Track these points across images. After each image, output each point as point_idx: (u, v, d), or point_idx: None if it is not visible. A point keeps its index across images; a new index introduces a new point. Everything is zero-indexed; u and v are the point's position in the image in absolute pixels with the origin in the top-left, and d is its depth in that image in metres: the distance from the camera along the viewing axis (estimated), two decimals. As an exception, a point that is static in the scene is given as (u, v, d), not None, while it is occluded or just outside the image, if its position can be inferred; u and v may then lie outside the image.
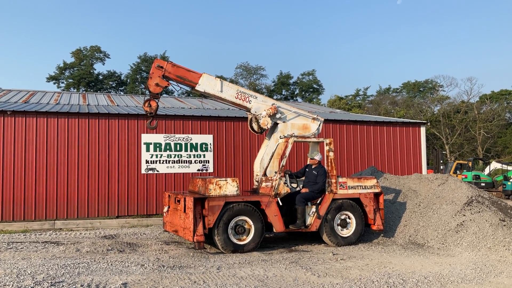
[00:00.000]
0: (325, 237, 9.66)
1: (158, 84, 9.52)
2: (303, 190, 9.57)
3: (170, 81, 9.71)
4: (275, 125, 10.38)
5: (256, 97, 10.19)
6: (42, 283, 6.11)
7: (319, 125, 10.54)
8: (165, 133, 13.80)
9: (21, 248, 8.94)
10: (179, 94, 53.03)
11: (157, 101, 9.70)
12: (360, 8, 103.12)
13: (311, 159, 9.90)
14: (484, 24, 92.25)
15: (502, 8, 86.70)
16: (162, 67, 9.53)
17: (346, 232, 9.83)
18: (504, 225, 9.26)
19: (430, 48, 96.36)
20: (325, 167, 9.82)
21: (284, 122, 10.26)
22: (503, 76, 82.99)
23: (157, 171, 13.60)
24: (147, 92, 9.48)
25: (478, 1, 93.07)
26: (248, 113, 10.36)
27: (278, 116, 10.18)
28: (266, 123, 9.97)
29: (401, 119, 18.06)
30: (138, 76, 55.42)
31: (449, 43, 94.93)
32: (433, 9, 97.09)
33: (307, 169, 9.96)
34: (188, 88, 10.04)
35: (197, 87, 9.78)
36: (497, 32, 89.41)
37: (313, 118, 10.51)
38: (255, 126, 10.20)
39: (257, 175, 10.16)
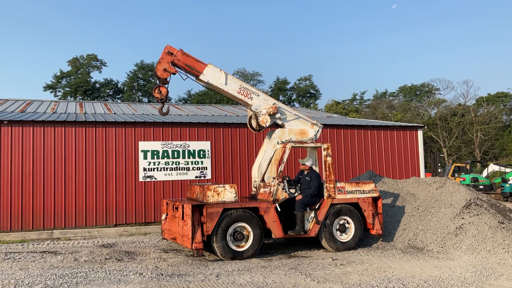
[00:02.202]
0: (324, 243, 9.64)
1: (166, 69, 9.64)
2: (298, 197, 9.56)
3: (177, 69, 9.81)
4: (273, 129, 10.38)
5: (258, 95, 10.22)
6: (40, 294, 6.06)
7: (318, 131, 10.52)
8: (162, 140, 13.78)
9: (19, 258, 8.88)
10: (176, 101, 53.13)
11: (167, 87, 9.83)
12: (356, 13, 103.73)
13: (302, 164, 9.91)
14: (479, 27, 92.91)
15: (497, 11, 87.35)
16: (172, 54, 9.65)
17: (345, 237, 9.81)
18: (503, 228, 9.26)
19: (426, 52, 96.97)
20: (324, 171, 9.81)
21: (282, 123, 10.27)
22: (499, 78, 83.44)
23: (155, 178, 13.56)
24: (154, 85, 9.67)
25: (474, 4, 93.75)
26: (248, 110, 10.39)
27: (278, 116, 10.18)
28: (265, 121, 9.98)
29: (398, 123, 18.10)
30: (135, 84, 55.50)
31: (445, 46, 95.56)
32: (428, 13, 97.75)
33: (301, 176, 9.97)
34: (193, 78, 10.09)
35: (201, 77, 9.84)
36: (492, 34, 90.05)
37: (312, 124, 10.51)
38: (253, 123, 10.23)
39: (255, 181, 10.14)
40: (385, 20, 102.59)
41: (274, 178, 9.59)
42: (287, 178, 9.87)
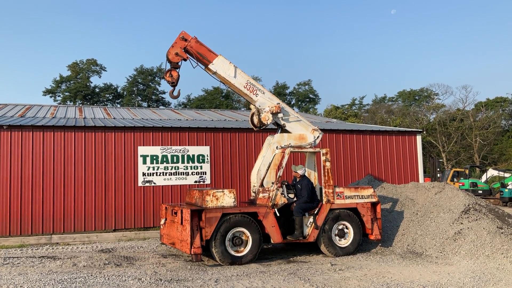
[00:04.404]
0: (323, 248, 9.64)
1: (177, 53, 9.87)
2: (293, 206, 9.57)
3: (189, 56, 9.99)
4: (272, 134, 10.41)
5: (263, 92, 10.32)
6: (39, 299, 6.05)
7: (317, 137, 10.51)
8: (161, 145, 13.80)
9: (18, 264, 8.87)
10: (176, 105, 53.17)
11: (178, 71, 10.05)
12: (355, 18, 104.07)
13: (294, 172, 9.94)
14: (478, 32, 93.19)
15: (495, 16, 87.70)
16: (186, 40, 9.89)
17: (344, 242, 9.81)
18: (502, 233, 9.27)
19: (425, 57, 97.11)
20: (322, 176, 9.82)
21: (284, 124, 10.32)
22: (498, 83, 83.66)
23: (154, 183, 13.57)
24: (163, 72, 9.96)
25: (473, 9, 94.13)
26: (252, 106, 10.48)
27: (280, 116, 10.25)
28: (267, 118, 10.06)
29: (397, 128, 18.14)
30: (134, 89, 55.52)
31: (443, 51, 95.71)
32: (427, 18, 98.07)
33: (294, 183, 10.01)
34: (202, 67, 10.22)
35: (210, 66, 10.00)
36: (491, 39, 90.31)
37: (313, 129, 10.54)
38: (255, 120, 10.30)
39: (254, 186, 10.16)
40: (384, 25, 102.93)
41: (273, 183, 9.62)
42: (286, 183, 9.89)
